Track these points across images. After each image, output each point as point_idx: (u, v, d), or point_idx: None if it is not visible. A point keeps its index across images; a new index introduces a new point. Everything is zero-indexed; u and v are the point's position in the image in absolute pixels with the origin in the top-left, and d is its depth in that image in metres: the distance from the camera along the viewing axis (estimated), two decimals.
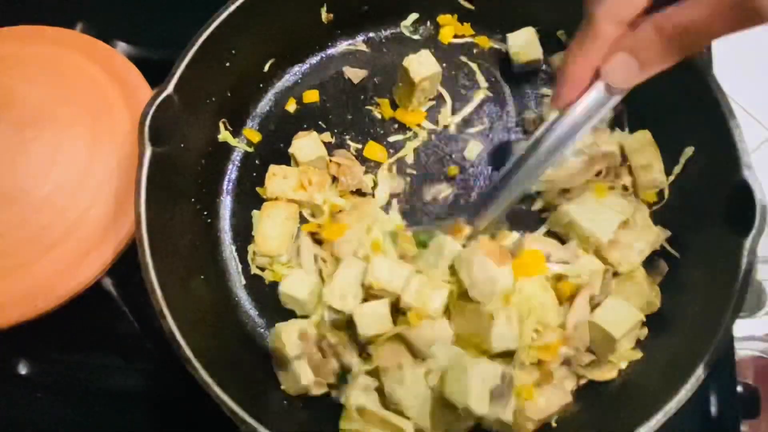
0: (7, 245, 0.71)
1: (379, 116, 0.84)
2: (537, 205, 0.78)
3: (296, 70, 0.86)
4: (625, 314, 0.67)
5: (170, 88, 0.68)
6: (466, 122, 0.83)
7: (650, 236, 0.72)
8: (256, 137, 0.83)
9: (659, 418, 0.59)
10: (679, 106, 0.73)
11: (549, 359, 0.67)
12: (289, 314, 0.76)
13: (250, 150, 0.83)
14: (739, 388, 0.74)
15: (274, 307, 0.76)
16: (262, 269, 0.77)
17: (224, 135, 0.80)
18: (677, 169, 0.74)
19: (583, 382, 0.70)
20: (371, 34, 0.88)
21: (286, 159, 0.81)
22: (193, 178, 0.76)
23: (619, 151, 0.76)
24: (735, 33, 0.49)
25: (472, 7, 0.86)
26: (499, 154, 0.82)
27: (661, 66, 0.55)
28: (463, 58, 0.86)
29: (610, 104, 0.60)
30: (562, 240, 0.75)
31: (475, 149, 0.82)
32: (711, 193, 0.68)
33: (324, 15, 0.83)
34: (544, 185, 0.76)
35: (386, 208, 0.79)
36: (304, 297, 0.71)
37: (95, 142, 0.75)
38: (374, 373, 0.68)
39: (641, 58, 0.54)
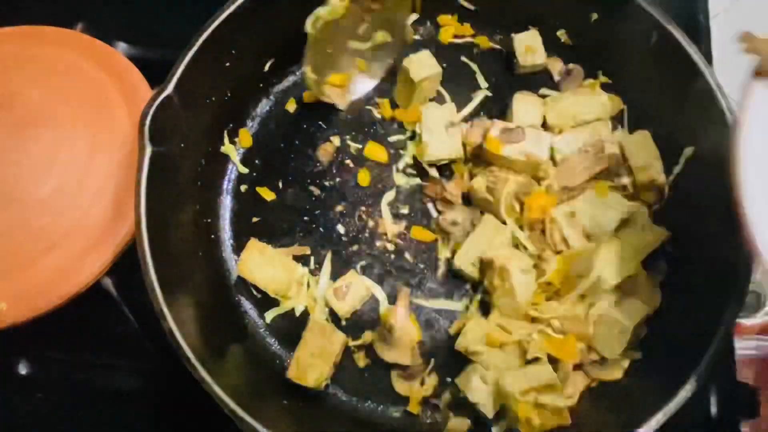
0: (7, 245, 0.71)
1: (379, 116, 0.84)
2: None
3: (296, 70, 0.86)
4: (631, 307, 0.68)
5: (170, 88, 0.68)
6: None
7: (650, 236, 0.72)
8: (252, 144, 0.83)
9: (659, 418, 0.59)
10: (679, 106, 0.73)
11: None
12: (287, 315, 0.76)
13: (249, 157, 0.83)
14: (739, 389, 0.75)
15: (274, 307, 0.76)
16: None
17: (227, 148, 0.81)
18: (677, 169, 0.74)
19: (593, 384, 0.70)
20: None
21: (285, 159, 0.82)
22: (193, 178, 0.76)
23: (620, 152, 0.76)
24: None
25: (473, 7, 0.86)
26: None
27: None
28: (463, 58, 0.86)
29: None
30: None
31: None
32: (711, 193, 0.68)
33: None
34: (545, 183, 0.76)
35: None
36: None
37: (95, 142, 0.75)
38: None
39: None
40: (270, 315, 0.76)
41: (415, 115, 0.82)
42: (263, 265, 0.74)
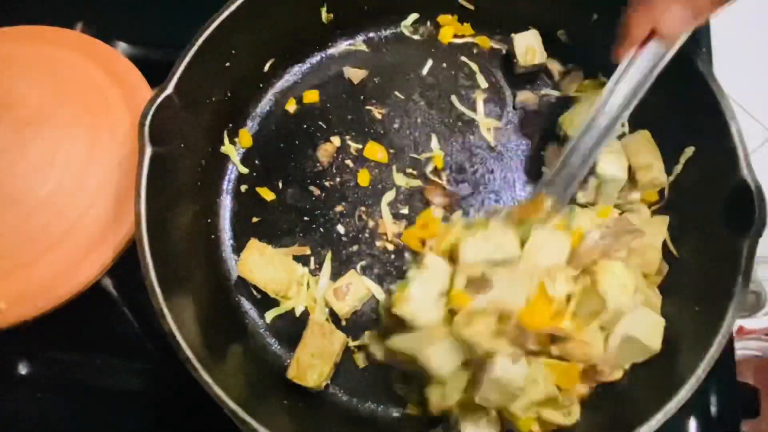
0: (7, 245, 0.71)
1: (379, 116, 0.84)
2: None
3: (296, 70, 0.86)
4: (653, 323, 0.65)
5: (170, 88, 0.68)
6: None
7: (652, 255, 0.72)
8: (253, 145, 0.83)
9: (659, 418, 0.59)
10: (679, 106, 0.73)
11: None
12: (287, 315, 0.76)
13: (249, 157, 0.83)
14: (739, 388, 0.75)
15: (274, 307, 0.76)
16: None
17: (227, 148, 0.81)
18: (677, 169, 0.74)
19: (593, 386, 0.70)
20: (371, 34, 0.88)
21: (285, 159, 0.82)
22: (193, 178, 0.76)
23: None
24: None
25: (472, 7, 0.86)
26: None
27: (711, 12, 0.61)
28: (463, 58, 0.86)
29: (665, 59, 0.65)
30: None
31: None
32: (711, 192, 0.68)
33: (324, 15, 0.83)
34: None
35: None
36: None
37: (95, 142, 0.75)
38: None
39: (694, 7, 0.60)
40: (270, 315, 0.76)
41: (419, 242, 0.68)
42: (263, 265, 0.74)
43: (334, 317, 0.75)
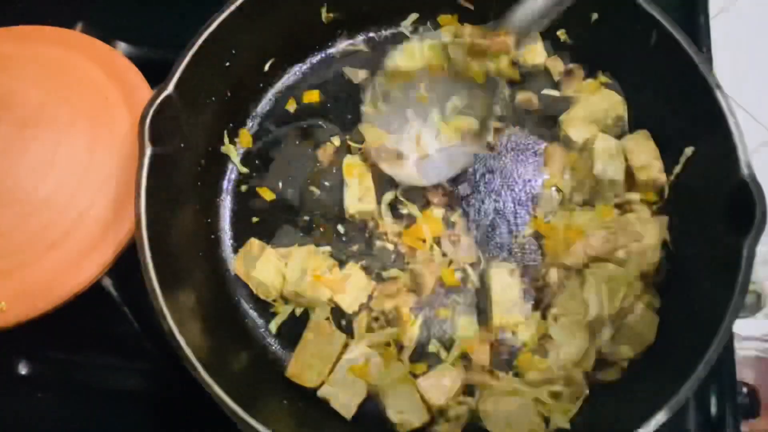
0: (7, 245, 0.71)
1: None
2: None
3: (296, 70, 0.86)
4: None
5: (170, 88, 0.68)
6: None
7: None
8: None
9: (659, 418, 0.59)
10: (679, 106, 0.73)
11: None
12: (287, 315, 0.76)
13: (249, 157, 0.83)
14: (739, 388, 0.75)
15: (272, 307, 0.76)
16: None
17: (227, 148, 0.81)
18: (677, 169, 0.74)
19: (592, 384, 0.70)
20: (371, 34, 0.88)
21: (285, 159, 0.82)
22: (193, 178, 0.76)
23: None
24: None
25: (472, 7, 0.86)
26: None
27: None
28: None
29: None
30: None
31: None
32: (711, 193, 0.68)
33: (324, 15, 0.83)
34: None
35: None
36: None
37: (95, 142, 0.75)
38: None
39: None
40: (274, 325, 0.76)
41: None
42: (259, 267, 0.74)
43: (335, 317, 0.75)
